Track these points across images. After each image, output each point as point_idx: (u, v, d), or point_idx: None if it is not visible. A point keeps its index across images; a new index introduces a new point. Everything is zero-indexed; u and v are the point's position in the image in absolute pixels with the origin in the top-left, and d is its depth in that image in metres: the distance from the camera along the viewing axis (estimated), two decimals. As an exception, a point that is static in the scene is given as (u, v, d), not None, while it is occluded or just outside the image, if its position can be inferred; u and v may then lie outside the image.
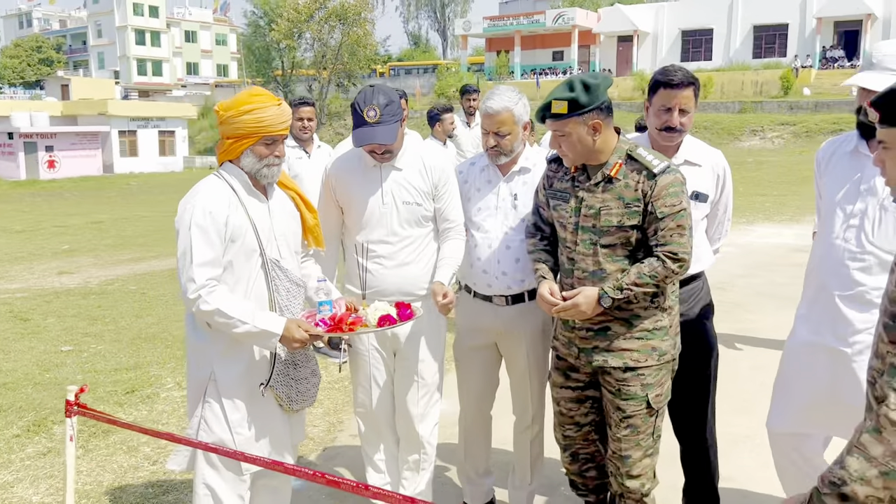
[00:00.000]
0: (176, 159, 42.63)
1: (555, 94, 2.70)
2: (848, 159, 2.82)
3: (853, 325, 2.75)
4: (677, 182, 2.70)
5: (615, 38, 48.58)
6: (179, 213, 2.72)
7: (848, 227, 2.75)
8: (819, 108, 33.67)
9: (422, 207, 3.25)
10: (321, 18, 50.88)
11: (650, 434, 2.90)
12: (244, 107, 2.71)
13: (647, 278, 2.68)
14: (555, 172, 2.98)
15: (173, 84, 74.36)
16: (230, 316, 2.62)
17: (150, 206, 20.57)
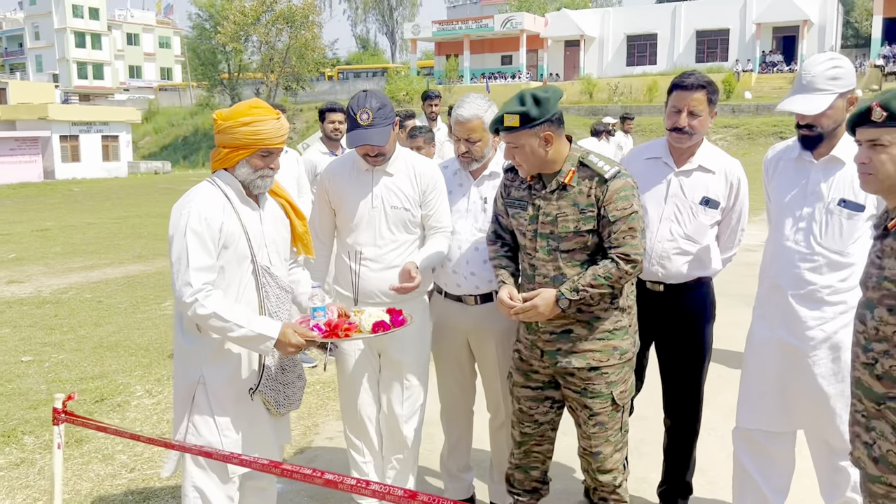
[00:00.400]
0: (120, 164, 41.67)
1: (506, 108, 2.80)
2: (794, 166, 3.00)
3: (806, 322, 2.93)
4: (628, 186, 2.82)
5: (562, 42, 49.20)
6: (174, 219, 2.74)
7: (797, 229, 2.93)
8: (760, 111, 34.69)
9: (409, 213, 3.34)
10: (268, 21, 50.41)
11: (618, 429, 3.02)
12: (243, 118, 2.75)
13: (601, 280, 2.79)
14: (511, 181, 3.08)
15: (115, 88, 72.71)
16: (226, 319, 2.65)
17: (96, 213, 20.10)
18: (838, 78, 2.80)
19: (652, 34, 46.83)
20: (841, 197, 2.85)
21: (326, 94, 50.86)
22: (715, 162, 3.30)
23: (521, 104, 2.78)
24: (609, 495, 3.10)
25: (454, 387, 3.67)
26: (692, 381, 3.44)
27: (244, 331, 2.67)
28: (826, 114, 2.81)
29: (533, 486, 3.26)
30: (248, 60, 53.35)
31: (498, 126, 2.82)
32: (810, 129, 2.87)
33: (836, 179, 2.88)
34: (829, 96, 2.78)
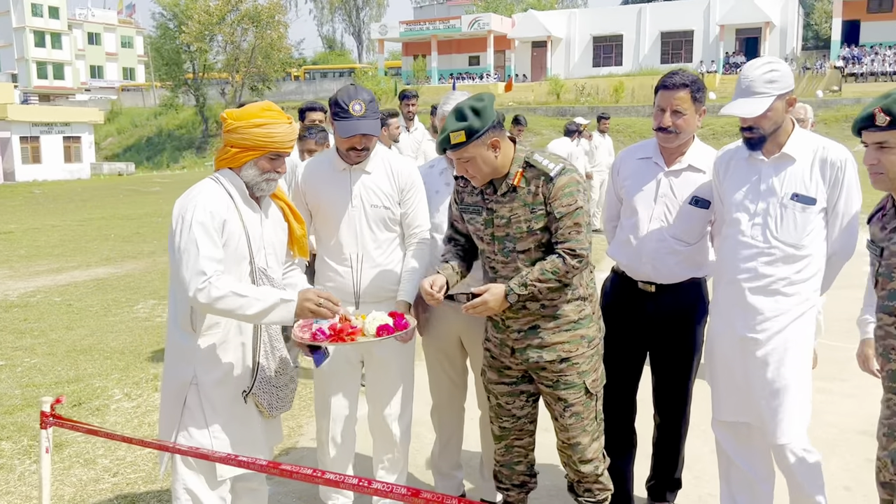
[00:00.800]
0: (83, 166, 40.99)
1: (449, 127, 2.81)
2: (746, 165, 3.08)
3: (762, 314, 3.01)
4: (573, 182, 2.86)
5: (529, 43, 49.45)
6: (178, 213, 2.70)
7: (754, 225, 3.01)
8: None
9: (389, 211, 3.33)
10: (233, 21, 49.94)
11: (593, 419, 3.07)
12: (256, 119, 2.75)
13: (549, 274, 2.83)
14: (463, 187, 3.11)
15: (77, 88, 71.39)
16: (244, 294, 2.62)
17: (60, 215, 19.73)
18: (775, 81, 2.90)
19: (618, 35, 47.28)
20: (793, 192, 2.94)
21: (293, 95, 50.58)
22: (705, 161, 3.30)
23: (463, 119, 2.80)
24: (593, 485, 3.14)
25: (447, 384, 3.67)
26: (681, 379, 3.47)
27: (262, 303, 2.64)
28: (766, 116, 2.90)
29: (521, 481, 3.28)
30: (213, 60, 52.76)
31: (445, 146, 2.83)
32: (752, 131, 2.96)
33: (787, 175, 2.97)
34: (767, 99, 2.88)
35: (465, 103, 2.83)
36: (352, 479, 2.46)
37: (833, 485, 3.91)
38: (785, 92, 2.93)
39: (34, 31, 69.57)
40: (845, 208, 2.97)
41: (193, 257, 2.63)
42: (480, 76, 48.45)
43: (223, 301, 2.61)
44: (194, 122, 53.72)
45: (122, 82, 74.53)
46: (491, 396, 3.22)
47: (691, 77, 3.20)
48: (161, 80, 56.39)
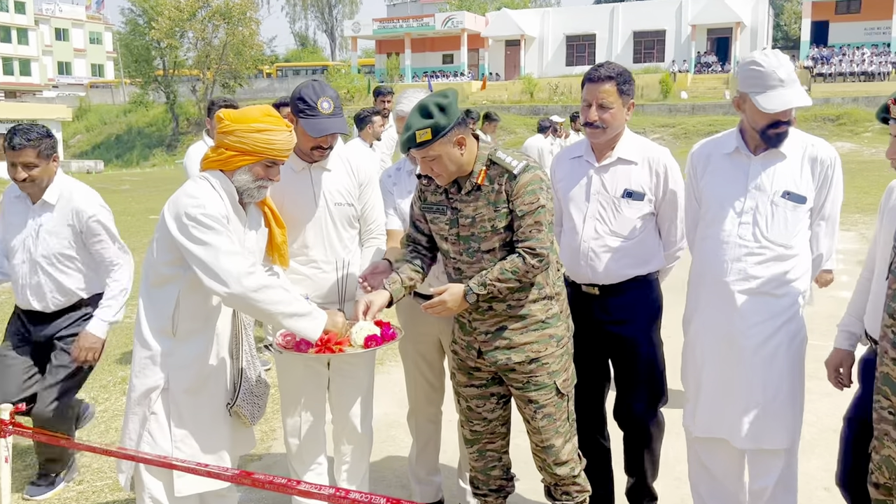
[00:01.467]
0: (50, 164, 40.24)
1: (414, 125, 2.73)
2: (729, 160, 2.98)
3: (751, 317, 2.91)
4: (536, 180, 2.79)
5: (503, 42, 49.49)
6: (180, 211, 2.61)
7: (742, 223, 2.90)
8: (696, 111, 35.48)
9: (352, 208, 3.25)
10: (204, 17, 49.35)
11: (566, 419, 3.01)
12: (256, 124, 2.67)
13: (508, 274, 2.77)
14: (426, 186, 3.02)
15: (44, 84, 70.23)
16: (289, 289, 2.69)
17: (27, 214, 19.32)
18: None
19: (590, 35, 47.50)
20: (785, 189, 2.85)
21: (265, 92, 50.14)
22: (636, 152, 3.18)
23: (428, 116, 2.72)
24: (570, 487, 3.07)
25: (424, 387, 3.60)
26: (643, 386, 3.31)
27: (300, 305, 2.68)
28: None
29: (498, 485, 3.21)
30: (183, 57, 52.06)
31: (410, 144, 2.74)
32: (787, 124, 2.86)
33: (777, 172, 2.87)
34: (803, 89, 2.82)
35: (430, 100, 2.75)
36: (328, 490, 2.38)
37: (812, 485, 3.90)
38: None
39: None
40: (832, 209, 2.93)
41: (226, 248, 2.57)
42: (454, 74, 48.40)
43: (267, 291, 2.59)
44: (164, 119, 53.04)
45: (91, 79, 73.46)
46: (461, 399, 3.14)
47: (617, 69, 3.08)
48: (130, 76, 55.54)
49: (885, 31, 40.17)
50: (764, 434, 2.95)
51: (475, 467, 3.19)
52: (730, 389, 2.99)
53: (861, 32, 41.09)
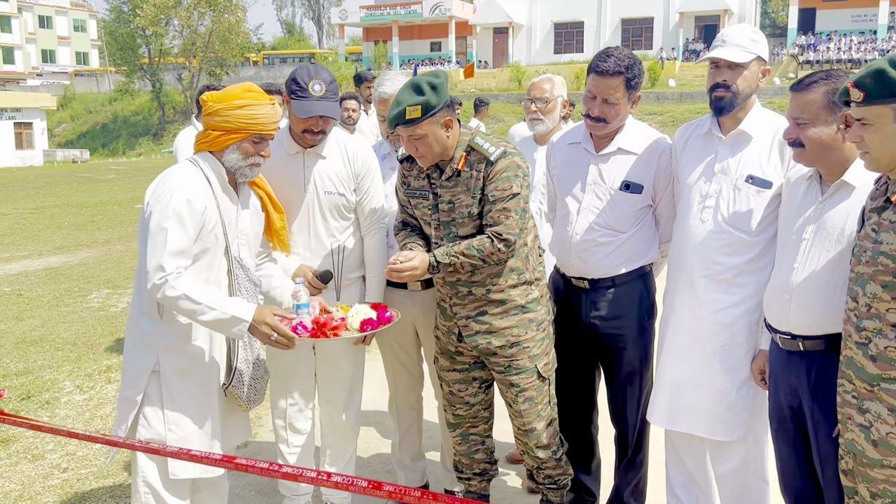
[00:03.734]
0: (35, 153, 39.90)
1: (405, 101, 2.71)
2: (702, 142, 2.90)
3: (710, 305, 2.83)
4: (512, 166, 2.79)
5: (491, 29, 49.26)
6: (156, 197, 2.60)
7: (704, 207, 2.83)
8: (684, 99, 35.48)
9: (344, 198, 3.20)
10: (190, 4, 48.97)
11: (547, 403, 3.02)
12: (238, 101, 2.66)
13: (474, 251, 2.76)
14: (409, 171, 3.01)
15: (27, 73, 69.37)
16: (198, 301, 2.53)
17: (11, 203, 19.16)
18: (757, 42, 2.77)
19: (578, 22, 47.33)
20: (749, 173, 2.77)
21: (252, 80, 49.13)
22: (638, 142, 3.05)
23: (420, 93, 2.71)
24: (553, 470, 3.09)
25: (403, 375, 3.60)
26: (632, 385, 3.22)
27: (216, 313, 2.56)
28: (742, 73, 2.73)
29: (481, 469, 3.23)
30: (169, 45, 51.68)
31: (399, 121, 2.72)
32: (725, 88, 2.75)
33: (744, 155, 2.79)
34: (749, 53, 2.74)
35: (422, 78, 2.73)
36: (310, 473, 2.37)
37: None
38: (764, 58, 2.78)
39: (-18, 14, 67.41)
40: None
41: (159, 249, 2.54)
42: (442, 62, 48.18)
43: (177, 302, 2.54)
44: (150, 108, 52.62)
45: (76, 67, 72.62)
46: (443, 384, 3.15)
47: (627, 61, 2.91)
48: (116, 65, 55.10)
49: (872, 19, 40.25)
50: (717, 425, 2.88)
51: (459, 451, 3.20)
52: (686, 379, 2.92)
53: (848, 20, 41.16)
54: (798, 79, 2.53)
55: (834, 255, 2.42)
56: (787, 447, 2.67)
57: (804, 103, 2.44)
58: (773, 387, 2.69)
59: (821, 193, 2.51)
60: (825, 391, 2.44)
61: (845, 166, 2.44)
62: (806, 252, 2.48)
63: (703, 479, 3.15)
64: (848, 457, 2.19)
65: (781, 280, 2.55)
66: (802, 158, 2.50)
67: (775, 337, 2.61)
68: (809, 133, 2.43)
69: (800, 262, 2.49)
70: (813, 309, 2.45)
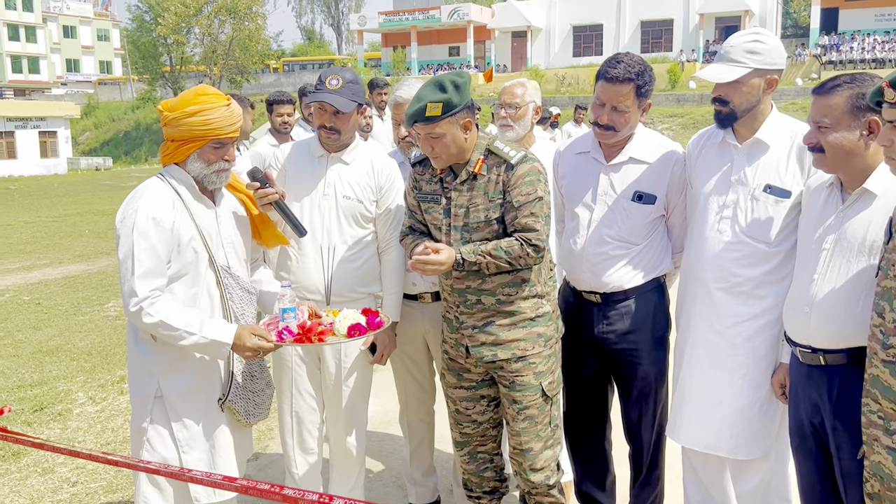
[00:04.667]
0: (59, 161, 40.39)
1: (426, 97, 2.65)
2: (717, 150, 2.82)
3: (730, 318, 2.75)
4: (534, 171, 2.72)
5: (510, 33, 49.24)
6: (120, 217, 2.54)
7: (721, 218, 2.75)
8: (704, 101, 35.10)
9: (362, 205, 3.14)
10: (210, 12, 49.36)
11: (548, 424, 2.91)
12: (190, 108, 2.55)
13: (502, 252, 2.68)
14: (421, 175, 2.94)
15: (52, 82, 70.34)
16: (175, 328, 2.47)
17: (34, 211, 19.39)
18: (756, 52, 2.64)
19: (598, 25, 47.17)
20: (767, 182, 2.68)
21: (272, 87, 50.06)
22: (649, 151, 2.96)
23: (443, 90, 2.65)
24: (544, 498, 2.98)
25: (414, 388, 3.53)
26: (647, 401, 3.11)
27: (196, 338, 2.50)
28: (738, 89, 2.64)
29: (491, 487, 3.13)
30: (190, 53, 52.12)
31: (418, 117, 2.66)
32: (721, 103, 2.69)
33: (761, 164, 2.70)
34: (741, 69, 2.63)
35: (446, 77, 2.67)
36: (312, 496, 2.31)
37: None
38: (766, 68, 2.64)
39: (8, 25, 68.41)
40: None
41: (128, 276, 2.47)
42: (461, 67, 48.19)
43: (156, 329, 2.49)
44: (172, 115, 53.07)
45: (99, 76, 73.50)
46: (449, 402, 3.05)
47: (637, 68, 2.81)
48: (138, 73, 55.65)
49: (896, 18, 39.76)
50: (740, 444, 2.79)
51: (467, 469, 3.11)
52: (706, 395, 2.83)
53: (871, 19, 40.64)
54: (821, 82, 2.43)
55: (855, 265, 2.33)
56: (808, 465, 2.57)
57: (826, 107, 2.35)
58: (794, 402, 2.60)
59: (841, 202, 2.42)
60: (847, 407, 2.34)
61: (867, 174, 2.35)
62: (826, 262, 2.39)
63: (721, 497, 3.05)
64: (874, 480, 2.09)
65: (801, 292, 2.47)
66: (822, 164, 2.41)
67: (795, 350, 2.53)
68: (830, 138, 2.34)
69: (820, 273, 2.40)
70: (834, 321, 2.36)
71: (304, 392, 3.26)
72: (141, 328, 2.54)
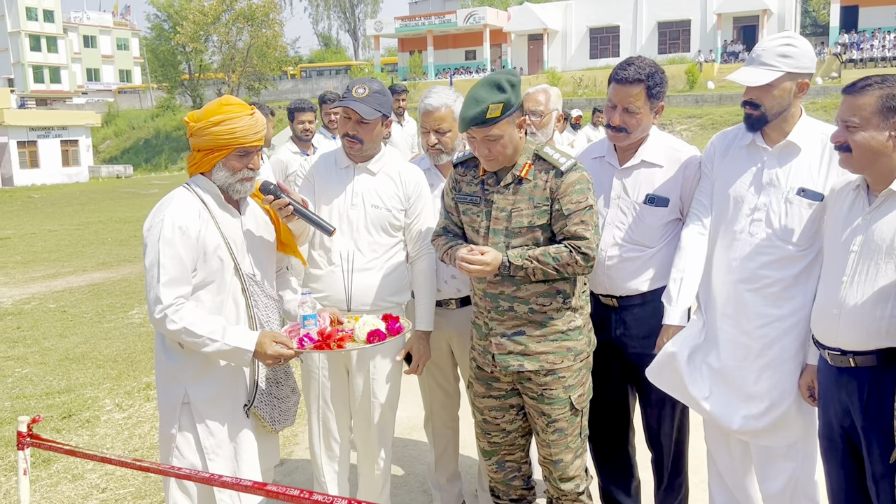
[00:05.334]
0: (81, 169, 40.85)
1: (487, 98, 2.60)
2: (746, 152, 2.80)
3: (758, 319, 2.74)
4: (583, 179, 2.70)
5: (526, 36, 49.17)
6: (147, 226, 2.59)
7: (753, 220, 2.74)
8: (723, 101, 35.00)
9: (390, 214, 3.15)
10: (228, 20, 49.79)
11: (577, 435, 2.89)
12: (214, 117, 2.60)
13: (549, 258, 2.65)
14: (462, 176, 2.92)
15: (73, 91, 71.17)
16: (198, 335, 2.51)
17: (57, 220, 19.63)
18: (788, 56, 2.63)
19: (614, 26, 47.01)
20: (800, 186, 2.67)
21: (290, 93, 50.40)
22: (662, 154, 2.96)
23: (502, 91, 2.62)
24: (573, 503, 2.97)
25: (439, 394, 3.54)
26: (666, 407, 3.09)
27: (218, 345, 2.53)
28: (770, 92, 2.64)
29: (519, 495, 3.11)
30: (208, 61, 52.63)
31: (480, 120, 2.60)
32: (753, 106, 2.69)
33: (793, 167, 2.69)
34: (774, 72, 2.62)
35: (501, 76, 2.65)
36: (341, 502, 2.33)
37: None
38: (798, 72, 2.64)
39: (29, 36, 69.33)
40: None
41: (154, 283, 2.52)
42: (476, 70, 48.22)
43: (179, 336, 2.53)
44: (192, 123, 53.52)
45: (119, 84, 74.29)
46: (476, 412, 3.03)
47: (647, 69, 2.84)
48: (157, 81, 56.25)
49: (917, 15, 39.30)
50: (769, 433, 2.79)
51: (494, 479, 3.10)
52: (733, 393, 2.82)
53: (892, 16, 40.14)
54: (852, 81, 2.42)
55: (884, 266, 2.33)
56: (837, 468, 2.56)
57: (856, 106, 2.35)
58: (823, 405, 2.59)
59: (868, 203, 2.42)
60: (878, 409, 2.34)
61: (894, 175, 2.34)
62: (854, 265, 2.39)
63: (746, 501, 3.04)
64: None
65: (829, 294, 2.47)
66: (849, 164, 2.41)
67: (824, 353, 2.52)
68: (858, 138, 2.34)
69: (848, 276, 2.40)
70: (863, 323, 2.36)
71: (332, 402, 3.28)
72: (165, 334, 2.58)
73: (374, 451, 3.33)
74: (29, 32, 69.23)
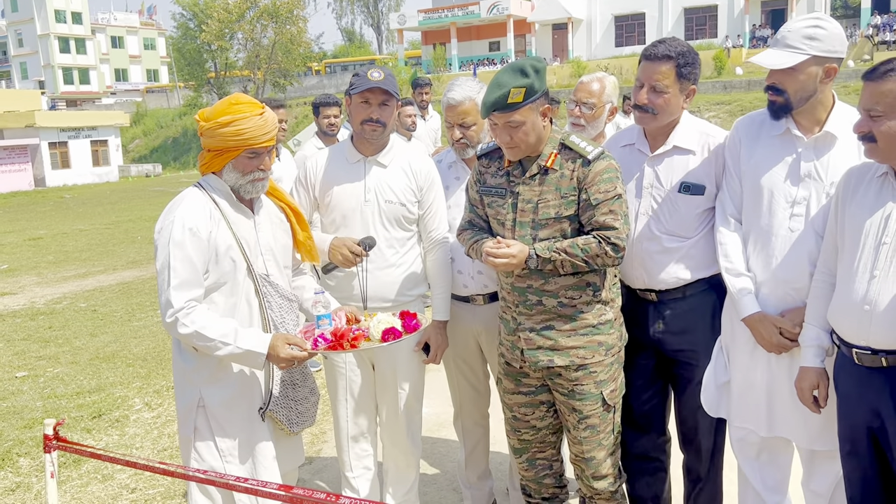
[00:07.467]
0: (111, 169, 41.36)
1: (508, 83, 2.53)
2: (779, 141, 2.62)
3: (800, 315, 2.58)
4: (612, 168, 2.62)
5: (550, 26, 48.79)
6: (158, 228, 2.56)
7: (793, 215, 2.58)
8: (752, 87, 34.44)
9: (405, 208, 3.11)
10: (253, 18, 49.99)
11: (610, 432, 2.82)
12: (223, 118, 2.55)
13: (578, 250, 2.57)
14: (486, 168, 2.84)
15: (102, 92, 72.11)
16: (210, 338, 2.47)
17: (88, 219, 19.87)
18: (815, 38, 2.47)
19: (640, 14, 46.45)
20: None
21: (315, 89, 50.54)
22: (695, 140, 2.81)
23: (525, 75, 2.55)
24: (607, 502, 2.89)
25: (468, 391, 3.48)
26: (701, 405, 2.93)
27: (230, 348, 2.49)
28: (794, 76, 2.48)
29: (551, 493, 3.05)
30: (234, 58, 52.90)
31: (499, 105, 2.54)
32: (777, 92, 2.53)
33: (831, 158, 2.53)
34: (799, 55, 2.46)
35: (525, 61, 2.58)
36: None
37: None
38: (825, 56, 2.46)
39: (58, 38, 70.32)
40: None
41: (164, 286, 2.48)
42: (501, 61, 47.96)
43: (190, 339, 2.49)
44: (219, 120, 53.91)
45: (147, 84, 75.13)
46: (506, 409, 2.96)
47: (679, 48, 2.71)
48: (184, 80, 56.69)
49: (952, -7, 38.34)
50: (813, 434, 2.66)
51: (525, 477, 3.04)
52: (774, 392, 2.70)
53: (926, -4, 39.29)
54: (872, 66, 2.27)
55: None
56: (858, 472, 2.44)
57: (879, 94, 2.20)
58: (846, 408, 2.45)
59: None
60: None
61: None
62: (889, 258, 2.24)
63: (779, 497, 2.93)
64: None
65: (858, 290, 2.30)
66: (875, 154, 2.27)
67: (850, 352, 2.36)
68: (884, 127, 2.20)
69: (881, 270, 2.25)
70: None
71: (359, 396, 3.24)
72: (177, 337, 2.55)
73: (403, 442, 3.30)
74: (58, 35, 70.22)
